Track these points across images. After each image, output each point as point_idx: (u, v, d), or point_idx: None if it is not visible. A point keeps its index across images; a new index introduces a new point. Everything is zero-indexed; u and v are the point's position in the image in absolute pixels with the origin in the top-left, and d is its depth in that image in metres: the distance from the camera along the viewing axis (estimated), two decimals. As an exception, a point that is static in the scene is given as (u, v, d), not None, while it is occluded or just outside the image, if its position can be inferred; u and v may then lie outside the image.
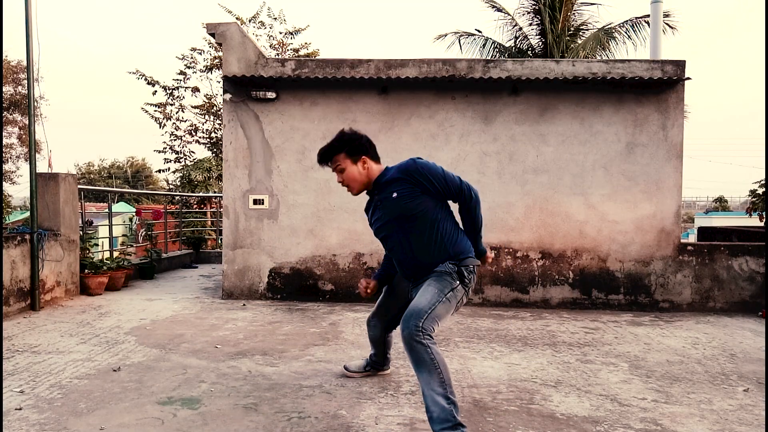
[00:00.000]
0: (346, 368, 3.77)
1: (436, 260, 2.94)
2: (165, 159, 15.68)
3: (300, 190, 6.49)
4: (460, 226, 3.13)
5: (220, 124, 15.12)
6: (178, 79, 15.14)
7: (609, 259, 6.40)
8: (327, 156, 3.07)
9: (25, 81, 9.53)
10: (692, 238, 13.05)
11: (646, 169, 6.35)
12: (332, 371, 3.82)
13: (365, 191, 3.15)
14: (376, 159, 3.14)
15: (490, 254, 3.43)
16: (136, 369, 3.80)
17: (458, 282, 2.90)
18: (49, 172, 7.68)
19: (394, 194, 2.95)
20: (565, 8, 14.50)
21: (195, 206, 14.54)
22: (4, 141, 22.18)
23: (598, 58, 14.59)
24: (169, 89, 15.15)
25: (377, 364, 3.72)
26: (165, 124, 15.35)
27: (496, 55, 15.40)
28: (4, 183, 20.66)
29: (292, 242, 6.50)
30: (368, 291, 3.32)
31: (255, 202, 6.50)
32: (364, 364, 3.75)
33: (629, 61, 6.35)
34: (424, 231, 2.96)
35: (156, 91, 15.15)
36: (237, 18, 14.75)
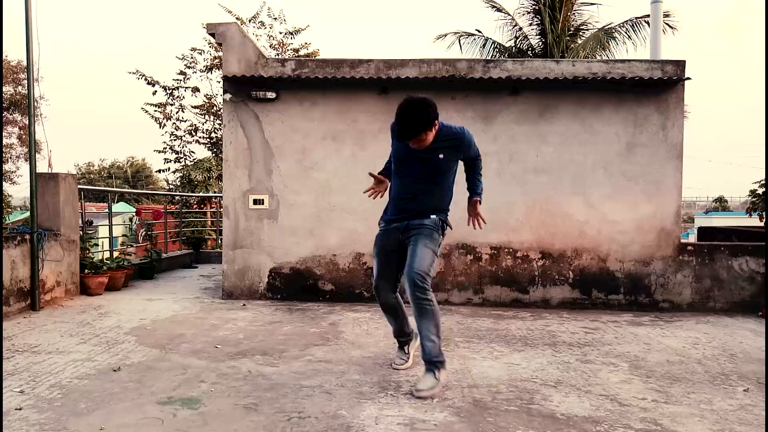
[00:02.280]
0: (395, 368, 3.90)
1: (430, 207, 3.62)
2: (165, 159, 15.69)
3: (300, 190, 6.49)
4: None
5: (220, 124, 15.12)
6: (178, 79, 15.15)
7: (609, 259, 6.39)
8: (413, 134, 3.33)
9: (25, 81, 9.53)
10: (692, 238, 13.05)
11: (646, 169, 6.35)
12: (332, 371, 3.82)
13: None
14: (438, 116, 3.43)
15: (477, 201, 3.91)
16: (136, 369, 3.80)
17: (441, 235, 3.65)
18: (49, 172, 7.68)
19: (441, 155, 3.49)
20: (565, 8, 14.50)
21: (195, 206, 14.54)
22: (4, 141, 22.17)
23: (598, 58, 14.59)
24: (169, 89, 15.15)
25: (404, 335, 3.94)
26: (165, 124, 15.35)
27: (496, 55, 15.40)
28: (4, 183, 20.66)
29: (292, 242, 6.50)
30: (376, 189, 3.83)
31: (255, 202, 6.50)
32: (399, 348, 4.00)
33: (629, 61, 6.35)
34: (438, 184, 3.62)
35: (156, 91, 15.15)
36: (237, 18, 14.75)
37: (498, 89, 6.36)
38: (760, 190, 8.79)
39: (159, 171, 17.76)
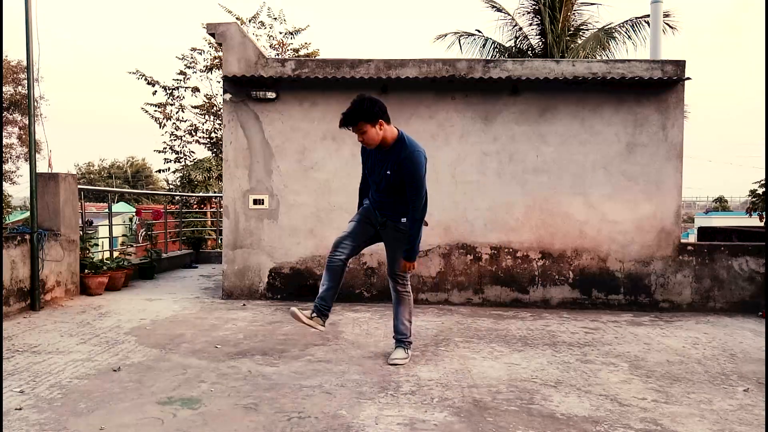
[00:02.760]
0: (292, 315, 3.90)
1: (399, 213, 3.94)
2: (165, 159, 15.68)
3: (300, 190, 6.49)
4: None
5: (220, 124, 15.12)
6: (178, 79, 15.14)
7: (609, 259, 6.39)
8: (351, 121, 3.69)
9: (25, 81, 9.53)
10: (692, 238, 13.05)
11: (646, 169, 6.35)
12: (332, 371, 3.82)
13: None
14: (389, 121, 3.79)
15: (407, 265, 4.00)
16: (136, 369, 3.80)
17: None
18: (49, 172, 7.68)
19: (388, 171, 3.80)
20: (565, 8, 14.50)
21: (195, 206, 14.54)
22: (4, 141, 22.17)
23: (598, 58, 14.59)
24: (169, 89, 15.14)
25: (326, 306, 3.97)
26: (165, 124, 15.34)
27: (496, 55, 15.40)
28: (4, 183, 20.66)
29: (292, 242, 6.50)
30: None
31: (255, 202, 6.50)
32: (312, 311, 3.98)
33: (629, 61, 6.35)
34: (393, 197, 3.91)
35: (156, 91, 15.15)
36: (237, 18, 14.75)
37: (498, 89, 6.36)
38: (760, 190, 8.80)
39: (159, 171, 17.76)
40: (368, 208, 4.08)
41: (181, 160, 15.63)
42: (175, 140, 15.58)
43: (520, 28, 15.56)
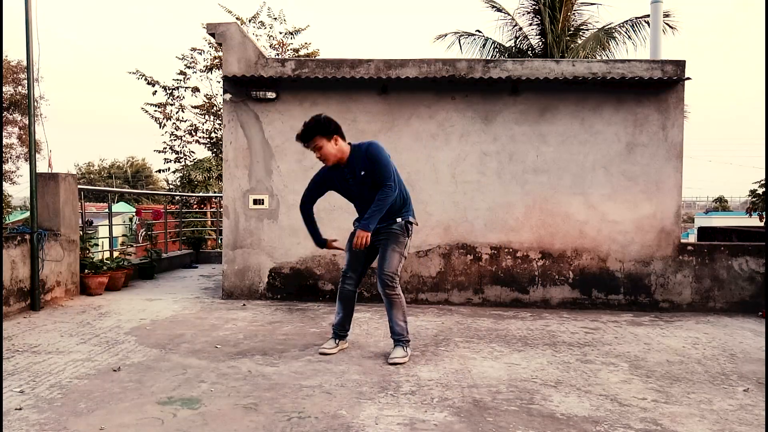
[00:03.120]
0: (322, 353, 4.22)
1: (390, 213, 4.01)
2: (165, 159, 15.68)
3: (300, 190, 6.39)
4: (404, 194, 4.13)
5: (220, 124, 15.12)
6: (178, 79, 15.14)
7: (609, 259, 6.39)
8: (307, 137, 3.91)
9: (25, 81, 9.53)
10: (692, 238, 13.05)
11: (646, 169, 6.35)
12: (332, 371, 3.82)
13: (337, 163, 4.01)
14: (344, 138, 4.01)
15: (362, 234, 3.95)
16: (136, 369, 3.80)
17: (408, 236, 4.13)
18: (49, 172, 7.68)
19: (362, 172, 3.93)
20: (565, 8, 14.50)
21: (195, 206, 14.54)
22: (4, 141, 22.17)
23: (598, 58, 14.59)
24: (169, 89, 15.14)
25: (344, 330, 4.33)
26: (165, 124, 15.34)
27: (496, 55, 15.40)
28: (4, 183, 20.66)
29: (292, 242, 6.50)
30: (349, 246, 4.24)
31: (255, 202, 6.50)
32: (334, 338, 4.33)
33: (629, 61, 6.35)
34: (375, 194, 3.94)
35: (156, 91, 15.15)
36: (237, 18, 14.75)
37: (498, 89, 6.36)
38: (760, 190, 8.79)
39: (159, 171, 17.75)
40: (354, 234, 4.11)
41: (181, 160, 15.63)
42: (175, 140, 15.58)
43: (520, 28, 15.57)
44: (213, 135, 15.56)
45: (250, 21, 15.15)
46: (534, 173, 6.40)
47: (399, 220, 4.08)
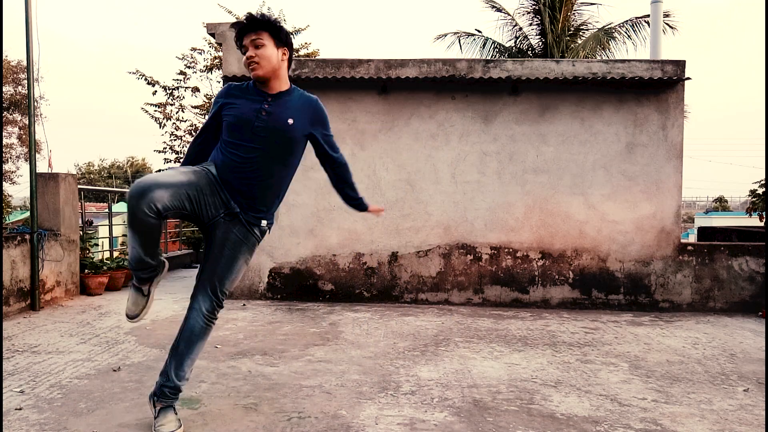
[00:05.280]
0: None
1: (265, 204, 2.82)
2: (165, 159, 15.64)
3: (300, 190, 6.49)
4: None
5: (220, 124, 15.09)
6: (178, 79, 15.12)
7: (609, 259, 6.39)
8: (255, 26, 2.72)
9: (25, 81, 9.53)
10: (692, 238, 13.04)
11: (646, 169, 6.35)
12: (332, 371, 3.82)
13: (260, 82, 2.80)
14: (291, 66, 2.96)
15: (380, 209, 3.30)
16: (136, 369, 3.80)
17: (258, 242, 2.89)
18: (49, 172, 7.68)
19: (290, 120, 2.77)
20: (565, 8, 14.50)
21: (195, 206, 14.51)
22: (4, 141, 22.17)
23: (598, 58, 14.59)
24: (169, 89, 15.13)
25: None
26: (165, 124, 15.31)
27: (496, 55, 15.39)
28: (4, 183, 20.66)
29: (292, 242, 6.50)
30: None
31: (255, 202, 6.49)
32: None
33: (629, 61, 6.35)
34: (285, 171, 2.87)
35: (156, 91, 15.14)
36: (237, 18, 14.76)
37: (498, 89, 6.36)
38: (760, 190, 8.78)
39: (159, 171, 17.75)
40: (211, 180, 2.71)
41: (181, 161, 15.63)
42: (175, 140, 15.56)
43: (520, 28, 15.55)
44: (213, 135, 15.54)
45: (250, 21, 15.14)
46: (534, 173, 6.40)
47: (264, 223, 2.84)
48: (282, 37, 2.81)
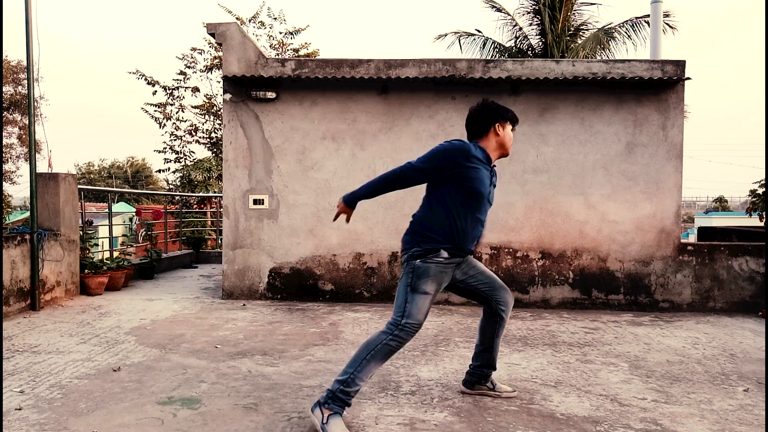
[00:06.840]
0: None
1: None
2: (165, 159, 15.67)
3: (300, 190, 6.49)
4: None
5: (220, 124, 15.12)
6: (178, 79, 15.13)
7: (609, 259, 6.39)
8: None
9: (25, 81, 9.53)
10: (692, 238, 13.05)
11: (646, 169, 6.35)
12: (332, 371, 3.82)
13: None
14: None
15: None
16: (136, 369, 3.80)
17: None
18: (49, 172, 7.68)
19: (493, 188, 3.22)
20: (565, 8, 14.50)
21: (195, 206, 14.54)
22: (4, 141, 22.17)
23: (598, 58, 14.59)
24: (169, 89, 15.14)
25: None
26: (165, 124, 15.33)
27: (496, 55, 15.40)
28: (4, 183, 20.66)
29: (292, 242, 6.50)
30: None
31: (255, 202, 6.50)
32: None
33: (629, 61, 6.35)
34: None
35: (156, 91, 15.15)
36: (237, 18, 14.75)
37: (498, 89, 6.36)
38: (760, 190, 8.79)
39: (159, 171, 17.74)
40: (437, 272, 2.94)
41: (181, 160, 15.63)
42: (175, 140, 15.57)
43: (520, 28, 15.56)
44: (213, 135, 15.56)
45: (250, 21, 15.15)
46: (534, 173, 6.40)
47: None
48: None
